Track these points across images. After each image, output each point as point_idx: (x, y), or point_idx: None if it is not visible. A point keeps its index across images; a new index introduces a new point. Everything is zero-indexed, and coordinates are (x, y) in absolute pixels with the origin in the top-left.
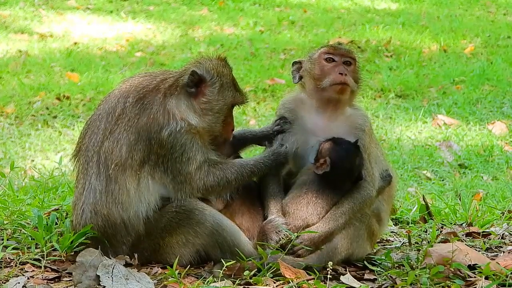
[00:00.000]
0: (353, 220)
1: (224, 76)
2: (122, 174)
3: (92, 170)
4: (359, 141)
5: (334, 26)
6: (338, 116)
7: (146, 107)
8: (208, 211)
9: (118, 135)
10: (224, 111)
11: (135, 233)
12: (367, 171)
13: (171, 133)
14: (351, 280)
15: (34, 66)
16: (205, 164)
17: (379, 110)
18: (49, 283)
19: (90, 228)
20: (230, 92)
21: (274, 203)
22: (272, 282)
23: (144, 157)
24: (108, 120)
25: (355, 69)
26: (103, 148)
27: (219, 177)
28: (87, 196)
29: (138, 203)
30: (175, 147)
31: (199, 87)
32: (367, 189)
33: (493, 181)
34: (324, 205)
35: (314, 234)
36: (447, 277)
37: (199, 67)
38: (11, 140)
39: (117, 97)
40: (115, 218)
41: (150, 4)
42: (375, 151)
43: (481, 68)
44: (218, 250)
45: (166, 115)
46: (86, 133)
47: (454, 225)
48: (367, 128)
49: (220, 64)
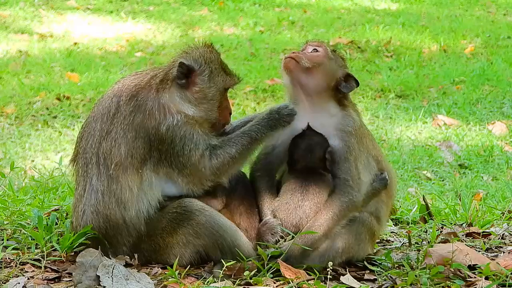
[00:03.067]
0: (341, 228)
1: (212, 62)
2: (123, 173)
3: (92, 172)
4: (346, 142)
5: (334, 26)
6: (320, 115)
7: (140, 104)
8: (208, 212)
9: (115, 134)
10: (218, 96)
11: (136, 233)
12: (351, 176)
13: (169, 128)
14: (351, 281)
15: (34, 66)
16: (207, 150)
17: (379, 110)
18: (49, 284)
19: (91, 229)
20: (220, 77)
21: (268, 205)
22: (272, 282)
23: (145, 154)
24: (104, 120)
25: (323, 55)
26: (101, 149)
27: (223, 156)
28: (88, 197)
29: (141, 202)
30: (175, 140)
31: (189, 77)
32: (350, 194)
33: (493, 181)
34: (311, 205)
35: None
36: (447, 277)
37: (186, 58)
38: (11, 140)
39: (110, 97)
40: (117, 218)
41: (150, 4)
42: (364, 155)
43: (481, 68)
44: (218, 250)
45: (162, 110)
46: (82, 136)
47: (454, 225)
48: (354, 130)
49: (207, 51)
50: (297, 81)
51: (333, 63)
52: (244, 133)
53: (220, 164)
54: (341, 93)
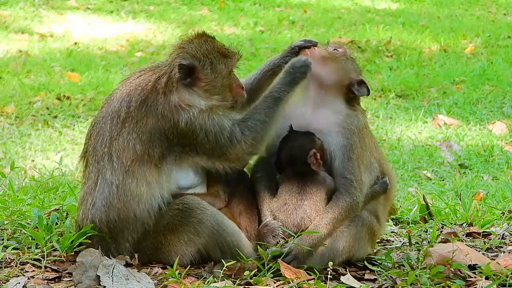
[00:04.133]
0: (343, 228)
1: (210, 52)
2: (140, 167)
3: (105, 168)
4: (348, 140)
5: (334, 26)
6: (326, 110)
7: (151, 108)
8: (210, 211)
9: (127, 135)
10: (226, 82)
11: (142, 229)
12: (354, 176)
13: (188, 122)
14: (351, 280)
15: (35, 66)
16: (235, 126)
17: (379, 110)
18: (49, 283)
19: (97, 222)
20: (222, 64)
21: (268, 206)
22: (272, 282)
23: (164, 151)
24: (113, 123)
25: (342, 53)
26: (113, 148)
27: (254, 125)
28: (101, 190)
29: (156, 195)
30: (196, 131)
31: (193, 74)
32: (353, 195)
33: (493, 181)
34: (311, 204)
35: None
36: (448, 277)
37: (185, 57)
38: (12, 140)
39: (119, 100)
40: (129, 211)
41: (150, 4)
42: (367, 155)
43: (481, 68)
44: (218, 250)
45: (174, 110)
46: (91, 134)
47: (455, 225)
48: (358, 130)
49: (201, 42)
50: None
51: (350, 64)
52: (267, 97)
53: (254, 134)
54: (352, 94)
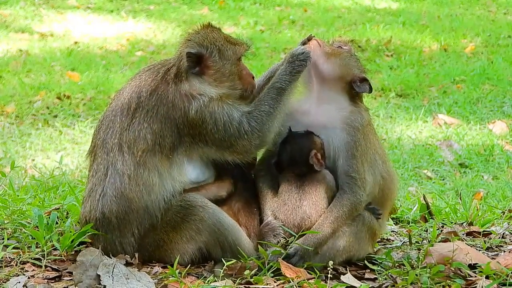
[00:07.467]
0: (344, 227)
1: (217, 40)
2: (151, 158)
3: (116, 158)
4: (352, 137)
5: (334, 26)
6: (329, 106)
7: (162, 97)
8: (211, 210)
9: (138, 126)
10: (235, 69)
11: (149, 222)
12: (358, 174)
13: (198, 110)
14: (351, 280)
15: (35, 65)
16: (243, 117)
17: (379, 109)
18: (50, 283)
19: (107, 213)
20: (230, 51)
21: (269, 205)
22: (272, 281)
23: (174, 141)
24: (124, 114)
25: (346, 50)
26: (123, 138)
27: (260, 116)
28: (112, 180)
29: (168, 186)
30: (206, 120)
31: (201, 63)
32: (357, 194)
33: (494, 181)
34: (310, 204)
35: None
36: (448, 276)
37: (192, 46)
38: (12, 140)
39: (129, 93)
40: (140, 202)
41: (150, 3)
42: (371, 153)
43: (481, 68)
44: (219, 248)
45: (185, 98)
46: (100, 128)
47: (455, 225)
48: (362, 127)
49: (208, 31)
50: (313, 63)
51: (353, 60)
52: (270, 88)
53: (260, 124)
54: (354, 91)
